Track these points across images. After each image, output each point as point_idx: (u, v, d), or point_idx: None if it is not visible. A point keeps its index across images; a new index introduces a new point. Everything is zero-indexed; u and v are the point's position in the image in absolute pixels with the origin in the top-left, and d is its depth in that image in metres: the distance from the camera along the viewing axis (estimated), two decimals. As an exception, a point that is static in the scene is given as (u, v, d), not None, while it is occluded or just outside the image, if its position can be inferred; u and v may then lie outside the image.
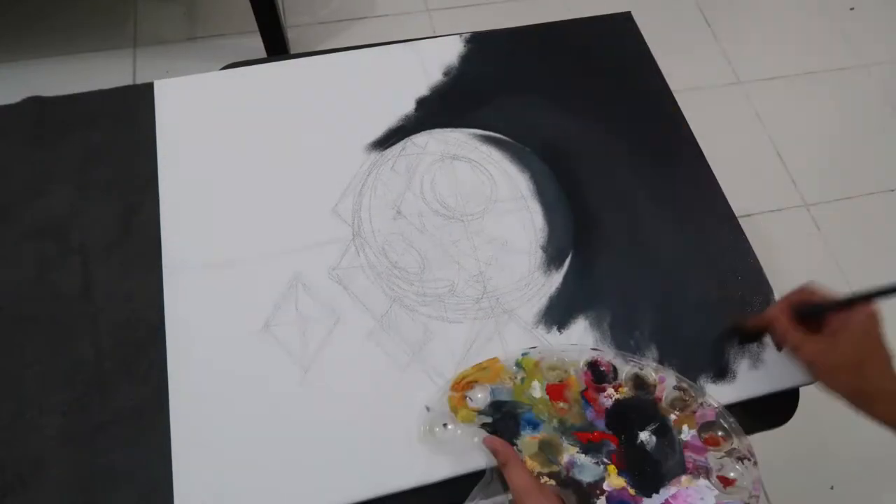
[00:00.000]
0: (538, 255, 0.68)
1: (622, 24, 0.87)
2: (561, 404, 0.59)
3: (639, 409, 0.59)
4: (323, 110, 0.76)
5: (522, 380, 0.60)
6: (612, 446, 0.57)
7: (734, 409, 0.62)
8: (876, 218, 1.58)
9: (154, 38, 1.73)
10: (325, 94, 0.77)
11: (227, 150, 0.73)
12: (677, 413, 0.59)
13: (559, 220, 0.71)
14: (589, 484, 0.55)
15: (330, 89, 0.77)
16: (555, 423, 0.58)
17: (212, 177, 0.71)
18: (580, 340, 0.64)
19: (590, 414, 0.59)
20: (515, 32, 0.85)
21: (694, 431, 0.59)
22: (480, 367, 0.61)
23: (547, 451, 0.57)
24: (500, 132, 0.76)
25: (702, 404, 0.60)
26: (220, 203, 0.69)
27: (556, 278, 0.67)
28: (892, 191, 1.63)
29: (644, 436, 0.58)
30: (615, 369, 0.61)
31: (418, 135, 0.75)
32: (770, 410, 0.64)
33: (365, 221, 0.69)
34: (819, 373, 0.57)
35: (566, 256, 0.68)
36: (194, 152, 0.72)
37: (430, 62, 0.81)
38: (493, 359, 0.61)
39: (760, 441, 0.60)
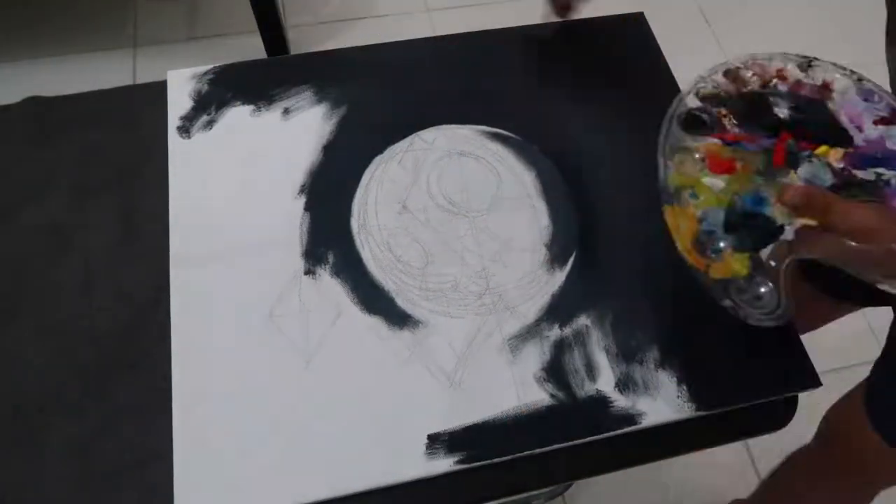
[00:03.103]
0: (542, 253, 0.68)
1: (634, 25, 0.86)
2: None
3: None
4: (330, 106, 0.76)
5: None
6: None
7: (734, 412, 0.62)
8: (876, 218, 1.59)
9: (154, 38, 1.72)
10: (333, 91, 0.77)
11: (234, 141, 0.73)
12: None
13: (564, 218, 0.70)
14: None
15: (338, 86, 0.77)
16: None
17: (219, 167, 0.71)
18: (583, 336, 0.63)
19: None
20: (525, 31, 0.85)
21: None
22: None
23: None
24: (508, 129, 0.76)
25: None
26: (227, 194, 0.69)
27: (560, 276, 0.67)
28: (893, 191, 1.63)
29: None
30: None
31: (426, 130, 0.75)
32: (769, 413, 0.64)
33: (371, 215, 0.69)
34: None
35: (570, 255, 0.68)
36: (202, 142, 0.72)
37: (439, 59, 0.81)
38: None
39: (761, 441, 0.59)
